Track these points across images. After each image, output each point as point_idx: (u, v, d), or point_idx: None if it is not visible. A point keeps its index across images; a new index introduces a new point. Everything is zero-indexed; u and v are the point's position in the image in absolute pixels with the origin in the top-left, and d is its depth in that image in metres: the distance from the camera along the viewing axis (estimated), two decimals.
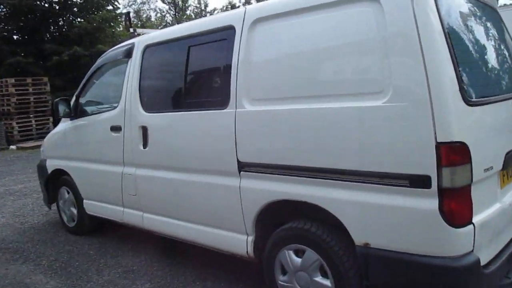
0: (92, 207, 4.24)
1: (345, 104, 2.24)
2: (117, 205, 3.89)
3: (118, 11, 19.46)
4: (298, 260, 2.54)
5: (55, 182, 4.72)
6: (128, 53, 3.62)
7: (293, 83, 2.49)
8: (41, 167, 4.88)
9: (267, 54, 2.62)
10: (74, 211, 4.52)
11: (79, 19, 17.91)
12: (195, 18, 33.27)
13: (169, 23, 36.92)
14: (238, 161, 2.72)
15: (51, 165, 4.69)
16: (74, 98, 4.16)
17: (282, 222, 2.67)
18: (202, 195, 3.02)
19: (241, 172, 2.73)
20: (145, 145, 3.39)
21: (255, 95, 2.64)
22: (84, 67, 12.94)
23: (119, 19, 19.18)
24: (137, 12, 37.80)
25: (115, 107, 3.73)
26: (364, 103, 2.16)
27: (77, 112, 4.18)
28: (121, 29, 19.43)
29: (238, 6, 31.80)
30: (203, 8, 40.34)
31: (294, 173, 2.47)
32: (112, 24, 18.39)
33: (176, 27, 3.43)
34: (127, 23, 15.25)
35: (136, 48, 3.57)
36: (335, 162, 2.29)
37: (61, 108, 4.16)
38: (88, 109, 4.23)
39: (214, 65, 3.01)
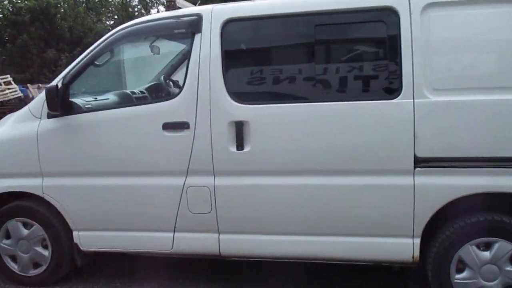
0: (97, 240, 3.00)
1: None
2: (160, 231, 2.88)
3: None
4: (483, 254, 2.49)
5: None
6: (194, 27, 2.73)
7: (488, 73, 2.42)
8: None
9: (451, 42, 2.46)
10: (43, 252, 3.09)
11: None
12: None
13: None
14: (415, 157, 2.46)
15: None
16: (55, 88, 2.80)
17: (447, 219, 2.56)
18: (348, 200, 2.58)
19: (416, 169, 2.48)
20: (240, 146, 2.64)
21: (438, 84, 2.45)
22: None
23: None
24: None
25: (171, 97, 2.76)
26: None
27: (67, 107, 2.88)
28: None
29: None
30: None
31: (497, 164, 2.40)
32: None
33: (287, 1, 2.75)
34: None
35: (207, 22, 2.72)
36: None
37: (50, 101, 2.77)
38: (87, 102, 2.98)
39: (367, 51, 2.62)
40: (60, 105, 2.77)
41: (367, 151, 2.51)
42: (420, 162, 2.47)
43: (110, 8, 35.16)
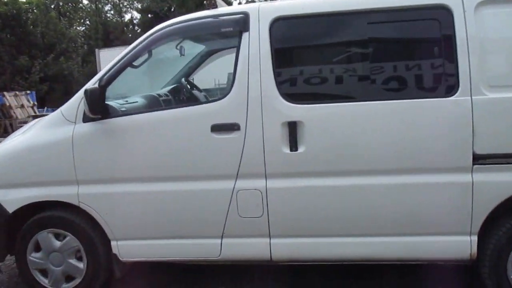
0: (138, 249, 2.86)
1: None
2: (207, 237, 2.77)
3: None
4: None
5: (17, 225, 2.93)
6: (241, 26, 2.65)
7: None
8: None
9: (506, 39, 2.48)
10: (78, 264, 2.92)
11: None
12: None
13: None
14: (474, 154, 2.46)
15: (21, 197, 2.89)
16: (99, 90, 2.66)
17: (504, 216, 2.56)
18: (405, 199, 2.55)
19: (475, 166, 2.48)
20: (294, 147, 2.58)
21: (495, 81, 2.46)
22: None
23: None
24: None
25: (219, 98, 2.67)
26: None
27: (105, 110, 2.74)
28: None
29: None
30: None
31: None
32: None
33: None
34: None
35: (254, 20, 2.65)
36: None
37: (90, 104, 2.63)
38: (121, 105, 2.85)
39: (422, 49, 2.61)
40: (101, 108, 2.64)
41: (425, 149, 2.50)
42: (479, 159, 2.47)
43: (81, 14, 34.47)
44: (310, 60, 2.77)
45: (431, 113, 2.49)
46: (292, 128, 2.57)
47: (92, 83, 2.78)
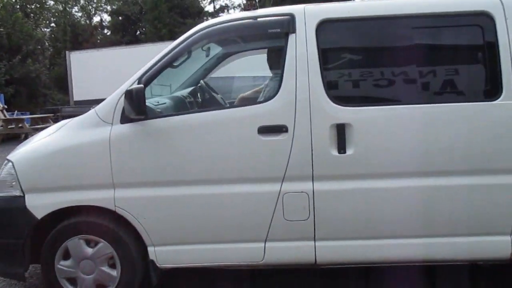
0: (177, 255, 2.76)
1: None
2: (250, 242, 2.72)
3: None
4: None
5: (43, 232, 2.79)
6: (288, 27, 2.64)
7: None
8: (8, 210, 2.76)
9: None
10: (111, 272, 2.80)
11: None
12: None
13: None
14: None
15: (51, 202, 2.74)
16: (143, 89, 2.57)
17: None
18: (450, 201, 2.60)
19: None
20: (342, 149, 2.58)
21: None
22: None
23: None
24: None
25: (266, 100, 2.64)
26: None
27: (147, 110, 2.66)
28: None
29: None
30: None
31: None
32: None
33: (383, 3, 2.73)
34: None
35: (300, 22, 2.65)
36: None
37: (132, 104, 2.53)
38: (156, 106, 2.78)
39: (466, 53, 2.69)
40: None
41: (472, 151, 2.56)
42: None
43: (47, 14, 33.37)
44: (356, 63, 2.78)
45: (477, 116, 2.56)
46: (341, 131, 2.57)
47: (130, 83, 2.69)
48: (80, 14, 34.79)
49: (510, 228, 2.62)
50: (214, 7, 36.16)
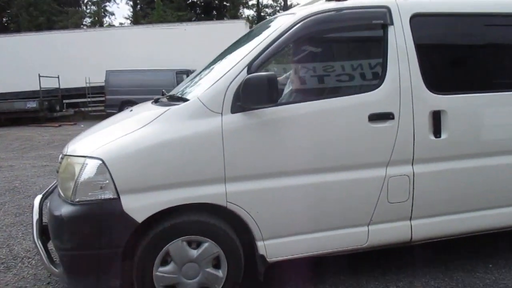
0: (286, 247, 2.70)
1: None
2: (354, 226, 2.80)
3: None
4: None
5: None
6: (387, 19, 2.76)
7: None
8: (100, 216, 2.39)
9: None
10: (216, 273, 2.62)
11: None
12: None
13: None
14: None
15: (154, 203, 2.44)
16: (273, 76, 2.43)
17: None
18: None
19: None
20: (438, 134, 2.82)
21: None
22: None
23: None
24: None
25: (371, 88, 2.72)
26: None
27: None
28: None
29: None
30: None
31: None
32: None
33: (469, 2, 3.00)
34: None
35: (396, 14, 2.80)
36: None
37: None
38: None
39: None
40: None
41: None
42: None
43: None
44: (447, 54, 3.02)
45: None
46: (436, 117, 2.80)
47: (237, 71, 2.54)
48: None
49: None
50: None
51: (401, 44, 2.77)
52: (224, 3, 36.59)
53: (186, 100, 2.67)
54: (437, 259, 3.30)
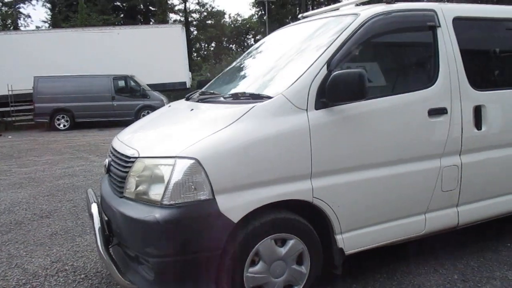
0: (361, 239, 2.79)
1: None
2: (414, 215, 2.97)
3: None
4: None
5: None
6: (436, 21, 2.99)
7: None
8: (197, 219, 2.29)
9: None
10: (300, 269, 2.63)
11: None
12: None
13: None
14: None
15: (248, 202, 2.40)
16: (363, 73, 2.50)
17: None
18: None
19: None
20: (479, 126, 3.10)
21: None
22: None
23: None
24: None
25: (429, 85, 2.92)
26: None
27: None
28: None
29: None
30: None
31: None
32: None
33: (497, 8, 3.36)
34: None
35: (442, 18, 3.04)
36: None
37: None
38: None
39: None
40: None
41: None
42: None
43: None
44: (485, 54, 3.31)
45: None
46: (478, 111, 3.08)
47: (318, 67, 2.59)
48: None
49: None
50: None
51: (448, 45, 3.02)
52: (150, 7, 35.75)
53: (258, 96, 2.66)
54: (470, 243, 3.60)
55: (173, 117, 3.07)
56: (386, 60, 3.05)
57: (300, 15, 4.09)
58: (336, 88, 2.50)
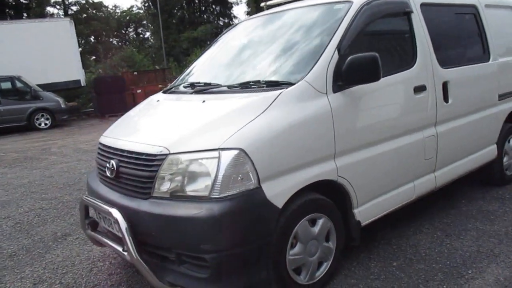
0: (372, 209, 3.01)
1: None
2: (407, 183, 3.30)
3: None
4: None
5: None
6: (411, 7, 3.31)
7: None
8: (249, 209, 2.28)
9: None
10: (330, 245, 2.78)
11: None
12: None
13: None
14: None
15: (288, 187, 2.47)
16: (370, 56, 2.67)
17: None
18: None
19: None
20: (446, 100, 3.53)
21: None
22: None
23: None
24: None
25: (412, 65, 3.23)
26: None
27: None
28: None
29: None
30: None
31: None
32: None
33: None
34: None
35: (412, 4, 3.37)
36: None
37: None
38: None
39: None
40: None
41: None
42: None
43: None
44: (446, 35, 3.69)
45: None
46: (445, 86, 3.51)
47: (331, 52, 2.72)
48: None
49: None
50: None
51: (421, 29, 3.36)
52: (22, 0, 32.18)
53: (276, 84, 2.71)
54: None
55: (187, 110, 2.92)
56: (378, 44, 3.27)
57: (263, 4, 4.15)
58: (353, 71, 2.65)
